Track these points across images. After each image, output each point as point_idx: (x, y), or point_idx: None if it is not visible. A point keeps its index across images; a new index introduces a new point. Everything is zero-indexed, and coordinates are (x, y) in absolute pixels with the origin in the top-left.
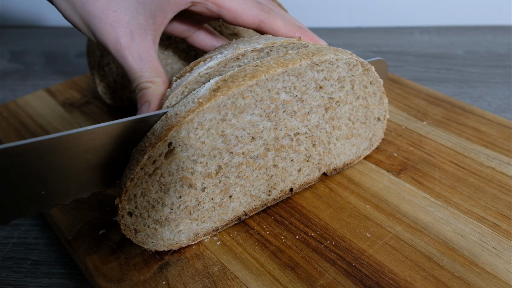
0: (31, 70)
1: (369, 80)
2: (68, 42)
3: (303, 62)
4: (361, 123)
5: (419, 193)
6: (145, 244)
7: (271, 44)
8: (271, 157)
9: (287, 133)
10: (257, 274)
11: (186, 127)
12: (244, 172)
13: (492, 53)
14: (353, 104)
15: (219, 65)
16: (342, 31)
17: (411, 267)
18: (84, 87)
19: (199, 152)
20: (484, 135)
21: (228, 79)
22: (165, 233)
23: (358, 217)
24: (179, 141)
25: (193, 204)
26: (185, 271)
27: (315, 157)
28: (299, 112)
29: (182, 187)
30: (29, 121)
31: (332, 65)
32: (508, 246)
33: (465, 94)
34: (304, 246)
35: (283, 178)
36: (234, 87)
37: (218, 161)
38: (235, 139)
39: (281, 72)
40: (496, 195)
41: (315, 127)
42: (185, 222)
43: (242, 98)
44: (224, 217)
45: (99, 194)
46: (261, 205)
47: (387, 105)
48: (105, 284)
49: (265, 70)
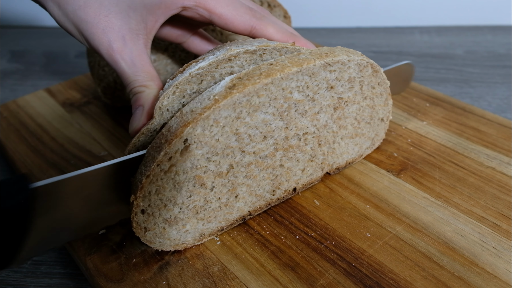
0: (31, 70)
1: (377, 81)
2: (68, 42)
3: (317, 62)
4: (366, 123)
5: (419, 193)
6: (152, 244)
7: (264, 47)
8: (278, 157)
9: (296, 133)
10: (257, 274)
11: (202, 124)
12: (252, 171)
13: (492, 53)
14: (360, 104)
15: (210, 66)
16: (342, 31)
17: (411, 267)
18: (84, 87)
19: (213, 150)
20: (484, 135)
21: (244, 77)
22: (172, 233)
23: (358, 217)
24: (194, 138)
25: (201, 204)
26: (185, 271)
27: (319, 156)
28: (310, 112)
29: (194, 186)
30: (29, 121)
31: (344, 65)
32: (508, 246)
33: (465, 94)
34: (304, 246)
35: (288, 178)
36: (250, 85)
37: (230, 160)
38: (248, 138)
39: (295, 72)
40: (496, 195)
41: (323, 126)
42: (191, 222)
43: (257, 97)
44: (229, 217)
45: None
46: (265, 205)
47: (391, 106)
48: (105, 284)
49: (280, 69)
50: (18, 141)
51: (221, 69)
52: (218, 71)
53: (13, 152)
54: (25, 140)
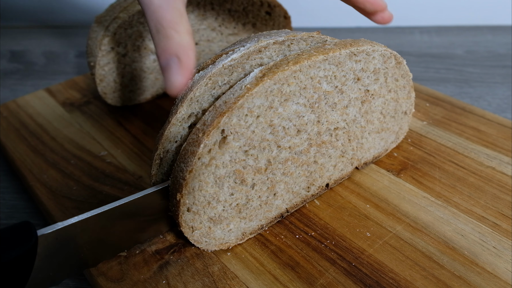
0: (31, 70)
1: (401, 73)
2: (68, 42)
3: (343, 51)
4: (391, 117)
5: (419, 193)
6: (199, 244)
7: (291, 37)
8: (312, 153)
9: (328, 127)
10: (257, 273)
11: (237, 113)
12: (289, 168)
13: (492, 53)
14: (385, 97)
15: (242, 57)
16: (342, 31)
17: (411, 267)
18: (84, 87)
19: (250, 143)
20: (484, 135)
21: (272, 67)
22: (217, 232)
23: (358, 217)
24: (231, 128)
25: (243, 202)
26: (185, 271)
27: (349, 152)
28: (339, 105)
29: (235, 182)
30: (29, 121)
31: (368, 56)
32: (508, 246)
33: (465, 94)
34: (304, 246)
35: (321, 174)
36: (278, 73)
37: (268, 155)
38: (282, 131)
39: (322, 59)
40: (496, 194)
41: (352, 121)
42: (235, 221)
43: (288, 85)
44: (268, 215)
45: (99, 194)
46: (301, 202)
47: (413, 99)
48: (105, 283)
49: (307, 57)
50: (18, 141)
51: (251, 60)
52: (248, 62)
53: (13, 152)
54: (25, 140)
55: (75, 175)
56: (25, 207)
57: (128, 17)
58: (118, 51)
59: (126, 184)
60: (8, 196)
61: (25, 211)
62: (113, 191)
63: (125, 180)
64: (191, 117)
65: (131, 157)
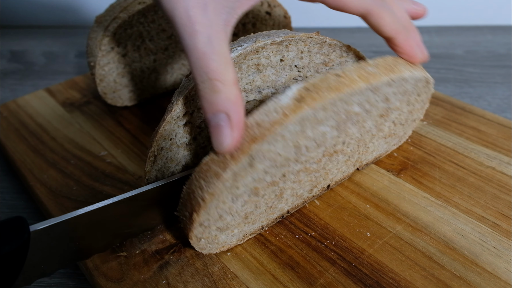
0: (31, 70)
1: (425, 90)
2: (68, 42)
3: (383, 78)
4: (401, 125)
5: (419, 193)
6: (203, 250)
7: (290, 37)
8: (323, 161)
9: (344, 140)
10: (257, 273)
11: (269, 139)
12: (300, 177)
13: (492, 53)
14: (402, 110)
15: (239, 57)
16: (342, 31)
17: (411, 267)
18: (84, 87)
19: (273, 164)
20: (484, 135)
21: (311, 88)
22: (221, 237)
23: (358, 217)
24: (259, 154)
25: (251, 210)
26: (185, 271)
27: (355, 156)
28: (361, 121)
29: (249, 196)
30: (29, 121)
31: (405, 82)
32: (508, 246)
33: (465, 94)
34: (304, 246)
35: (325, 177)
36: (318, 99)
37: (284, 170)
38: (305, 149)
39: (364, 89)
40: (496, 194)
41: (366, 132)
42: (240, 226)
43: (324, 111)
44: (270, 217)
45: (99, 194)
46: (302, 203)
47: (426, 109)
48: (105, 283)
49: (348, 84)
50: (18, 140)
51: (248, 61)
52: (245, 62)
53: (13, 152)
54: (25, 139)
55: (75, 175)
56: (25, 207)
57: (128, 17)
58: (118, 51)
59: (126, 184)
60: (8, 196)
61: (25, 211)
62: (113, 191)
63: (125, 180)
64: (186, 115)
65: (131, 157)
